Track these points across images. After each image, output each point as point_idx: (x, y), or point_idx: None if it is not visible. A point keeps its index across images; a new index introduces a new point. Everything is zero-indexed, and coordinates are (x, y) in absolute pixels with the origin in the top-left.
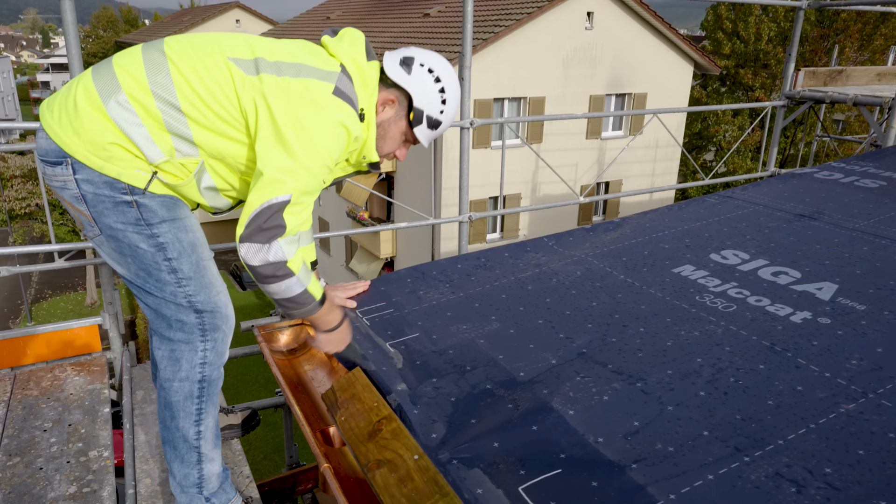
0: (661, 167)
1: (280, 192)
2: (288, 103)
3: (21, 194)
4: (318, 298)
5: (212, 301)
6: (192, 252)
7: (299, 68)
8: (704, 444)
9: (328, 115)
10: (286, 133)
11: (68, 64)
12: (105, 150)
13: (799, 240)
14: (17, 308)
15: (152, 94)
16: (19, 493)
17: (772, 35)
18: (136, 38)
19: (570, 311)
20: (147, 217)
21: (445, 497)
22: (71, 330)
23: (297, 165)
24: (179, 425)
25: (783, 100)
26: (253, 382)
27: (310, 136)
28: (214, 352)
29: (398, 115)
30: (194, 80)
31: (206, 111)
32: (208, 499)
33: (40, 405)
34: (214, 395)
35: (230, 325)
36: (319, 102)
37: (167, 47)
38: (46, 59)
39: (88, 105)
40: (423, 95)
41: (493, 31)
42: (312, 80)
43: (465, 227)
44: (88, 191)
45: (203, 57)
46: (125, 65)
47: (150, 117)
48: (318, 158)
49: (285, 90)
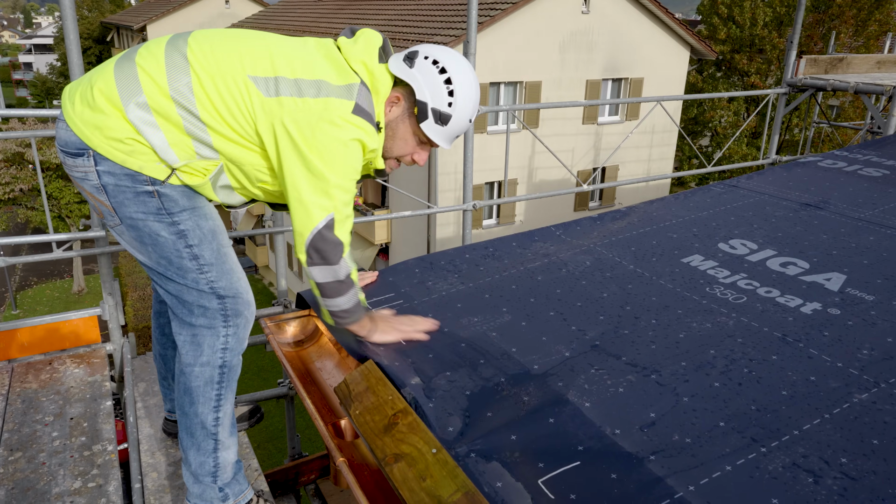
0: (657, 152)
1: (323, 216)
2: (308, 126)
3: (4, 179)
4: (365, 304)
5: (234, 287)
6: (213, 239)
7: (319, 86)
8: (721, 435)
9: (345, 134)
10: (311, 158)
11: (65, 44)
12: (127, 145)
13: (806, 229)
14: (1, 296)
15: (173, 101)
16: (23, 489)
17: (767, 20)
18: (121, 18)
19: (581, 303)
20: (168, 206)
21: (466, 493)
22: (69, 321)
23: (329, 186)
24: (198, 411)
25: (785, 87)
26: (245, 371)
27: (333, 157)
28: (236, 337)
29: (405, 112)
30: (213, 95)
31: (224, 125)
32: (222, 489)
33: (40, 398)
34: (233, 381)
35: (252, 310)
36: (338, 123)
37: (190, 51)
38: (28, 40)
39: (109, 105)
40: (425, 87)
41: (489, 15)
42: (333, 100)
43: (468, 215)
44: (109, 182)
45: (224, 71)
46: (147, 67)
47: (169, 122)
48: (344, 175)
49: (305, 112)
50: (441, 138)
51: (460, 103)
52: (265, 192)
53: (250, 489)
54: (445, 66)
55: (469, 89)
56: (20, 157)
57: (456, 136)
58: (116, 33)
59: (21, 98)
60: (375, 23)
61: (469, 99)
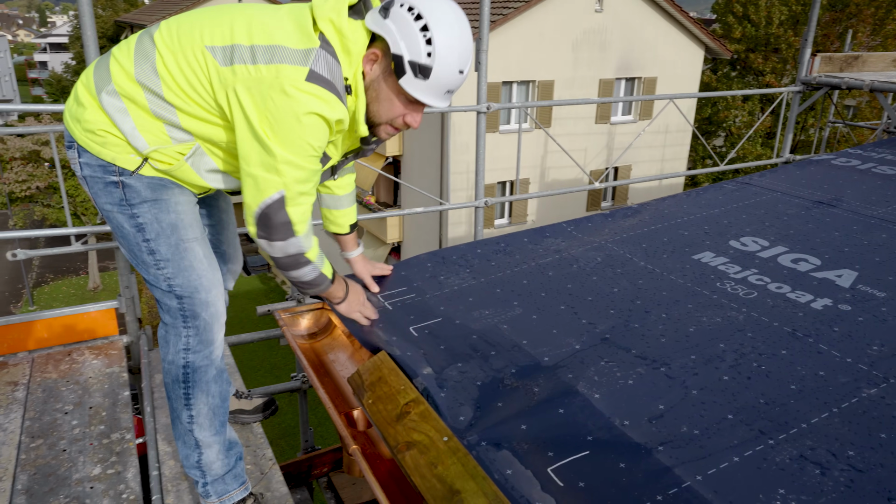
0: (670, 152)
1: (272, 191)
2: (259, 95)
3: (21, 177)
4: (329, 277)
5: (191, 285)
6: (172, 233)
7: (273, 51)
8: (729, 427)
9: (299, 105)
10: (259, 129)
11: (76, 45)
12: (100, 137)
13: (818, 227)
14: (18, 292)
15: (139, 84)
16: (45, 474)
17: (783, 19)
18: (135, 17)
19: (591, 297)
20: (129, 197)
21: (476, 478)
22: (87, 313)
23: (276, 161)
24: (174, 406)
25: (799, 86)
26: (258, 368)
27: (283, 130)
28: (197, 339)
29: (385, 70)
30: (176, 72)
31: (189, 101)
32: (206, 485)
33: (60, 388)
34: (203, 382)
35: (211, 312)
36: (289, 93)
37: (158, 34)
38: (44, 39)
39: (87, 95)
40: (399, 38)
41: (501, 14)
42: (285, 66)
43: (480, 212)
44: (88, 173)
45: (184, 46)
46: (119, 55)
47: (137, 107)
48: (296, 150)
49: (257, 81)
50: (427, 94)
51: (441, 53)
52: None
53: (241, 491)
54: (421, 11)
55: (452, 36)
56: (36, 155)
57: (447, 90)
58: (130, 32)
59: (36, 96)
60: None
61: (452, 48)
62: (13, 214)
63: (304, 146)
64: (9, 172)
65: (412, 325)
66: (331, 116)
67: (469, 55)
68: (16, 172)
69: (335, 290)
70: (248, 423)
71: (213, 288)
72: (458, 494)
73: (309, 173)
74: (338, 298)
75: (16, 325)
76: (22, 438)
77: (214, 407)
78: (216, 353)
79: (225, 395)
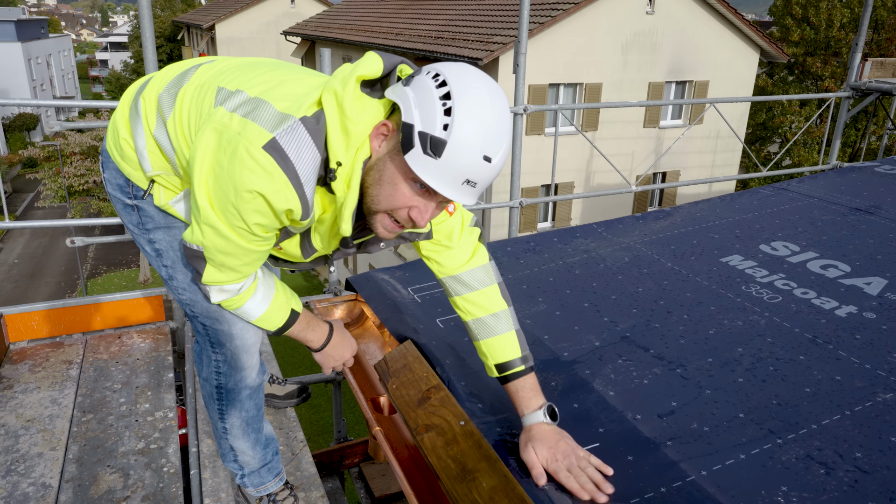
0: (721, 158)
1: (191, 240)
2: (216, 145)
3: (80, 171)
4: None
5: (211, 315)
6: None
7: (257, 105)
8: (739, 425)
9: (242, 176)
10: (196, 180)
11: (141, 42)
12: (122, 149)
13: (852, 233)
14: (73, 283)
15: (157, 104)
16: (93, 446)
17: (844, 21)
18: (192, 18)
19: (615, 296)
20: (144, 222)
21: (489, 460)
22: (137, 300)
23: (201, 220)
24: (210, 415)
25: (848, 91)
26: (299, 364)
27: (219, 194)
28: (227, 364)
29: (395, 147)
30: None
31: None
32: (243, 477)
33: (110, 368)
34: (236, 401)
35: (236, 344)
36: (241, 157)
37: (206, 65)
38: (105, 38)
39: (122, 105)
40: (414, 105)
41: (550, 15)
42: (252, 125)
43: (515, 212)
44: (110, 191)
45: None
46: (170, 69)
47: (147, 125)
48: (227, 219)
49: (222, 128)
50: (437, 178)
51: (461, 128)
52: None
53: (275, 483)
54: (447, 78)
55: (478, 113)
56: (94, 151)
57: (465, 179)
58: (187, 32)
59: (97, 94)
60: (435, 23)
61: (477, 126)
62: (71, 207)
63: (237, 220)
64: (69, 167)
65: (439, 317)
66: (274, 202)
67: (500, 143)
68: (75, 167)
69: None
70: (281, 408)
71: (238, 321)
72: (471, 474)
73: (237, 250)
74: (312, 345)
75: (72, 308)
76: (74, 413)
77: (248, 419)
78: (248, 377)
79: (260, 405)
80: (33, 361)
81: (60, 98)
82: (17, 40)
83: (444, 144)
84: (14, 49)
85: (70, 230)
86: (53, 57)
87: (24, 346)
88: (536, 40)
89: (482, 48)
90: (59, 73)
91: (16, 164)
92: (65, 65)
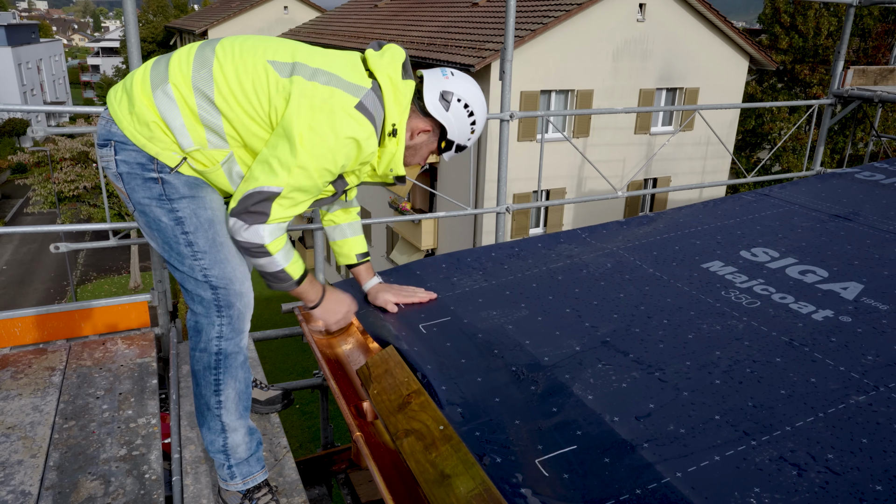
0: (711, 164)
1: (272, 183)
2: (309, 106)
3: (70, 177)
4: (295, 278)
5: (226, 276)
6: (210, 228)
7: (330, 77)
8: (714, 427)
9: (342, 127)
10: (296, 131)
11: (126, 50)
12: (149, 130)
13: (830, 240)
14: (62, 289)
15: (193, 88)
16: (75, 453)
17: (832, 30)
18: (184, 23)
19: (597, 302)
20: (169, 193)
21: (467, 464)
22: (122, 305)
23: (294, 163)
24: (202, 392)
25: (831, 98)
26: (290, 371)
27: (317, 141)
28: (230, 326)
29: (430, 141)
30: (232, 79)
31: (237, 107)
32: (231, 466)
33: (93, 374)
34: (232, 367)
35: (244, 301)
36: (337, 113)
37: (219, 46)
38: (97, 43)
39: (141, 90)
40: (457, 130)
41: (541, 22)
42: (339, 91)
43: (502, 217)
44: (124, 170)
45: (245, 58)
46: (179, 59)
47: (187, 108)
48: (318, 162)
49: (311, 93)
50: (449, 158)
51: (475, 137)
52: None
53: (262, 473)
54: (473, 109)
55: (483, 123)
56: (85, 156)
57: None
58: (179, 37)
59: (88, 99)
60: (428, 29)
61: (480, 131)
62: (61, 213)
63: (327, 161)
64: (59, 172)
65: (422, 322)
66: (365, 146)
67: None
68: (65, 172)
69: (305, 293)
70: (265, 414)
71: (246, 280)
72: (449, 479)
73: (312, 186)
74: (310, 302)
75: (55, 315)
76: (56, 419)
77: (240, 392)
78: (244, 340)
79: (248, 382)
80: (15, 368)
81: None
82: (7, 45)
83: (464, 148)
84: (4, 54)
85: (59, 236)
86: (44, 62)
87: (7, 353)
88: (528, 47)
89: (474, 55)
90: (50, 78)
91: (5, 169)
92: (56, 70)
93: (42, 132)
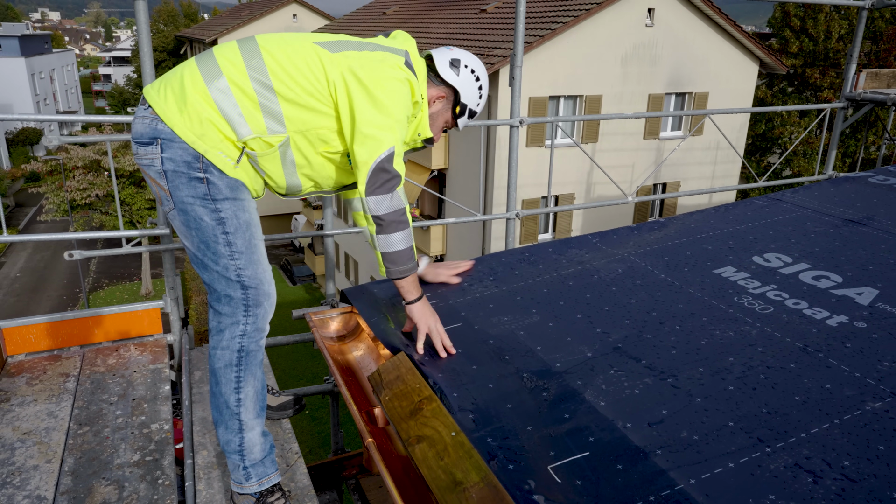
0: (721, 169)
1: (385, 147)
2: (372, 70)
3: (82, 185)
4: (416, 259)
5: (258, 276)
6: (247, 230)
7: (376, 45)
8: (728, 434)
9: (401, 74)
10: (377, 94)
11: (138, 59)
12: (201, 127)
13: (844, 245)
14: (75, 296)
15: (249, 77)
16: (89, 459)
17: (843, 33)
18: (195, 32)
19: (608, 307)
20: (213, 193)
21: (479, 470)
22: (135, 312)
23: (391, 121)
24: (222, 391)
25: (843, 102)
26: (301, 377)
27: (394, 92)
28: (254, 326)
29: (445, 107)
30: (284, 61)
31: (295, 86)
32: (246, 468)
33: (107, 381)
34: (253, 365)
35: (271, 302)
36: (396, 66)
37: (260, 38)
38: (108, 53)
39: (193, 86)
40: (468, 93)
41: (550, 28)
42: (388, 53)
43: (512, 223)
44: (170, 168)
45: (292, 43)
46: (225, 54)
47: (245, 98)
48: (402, 110)
49: (368, 60)
50: (463, 125)
51: (483, 102)
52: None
53: (276, 475)
54: (479, 75)
55: (487, 88)
56: (97, 165)
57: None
58: (189, 46)
59: (99, 108)
60: (438, 36)
61: (486, 97)
62: (73, 221)
63: (405, 107)
64: (71, 181)
65: None
66: (417, 90)
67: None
68: (77, 181)
69: (415, 284)
70: (276, 419)
71: (273, 283)
72: (461, 485)
73: (403, 137)
74: (412, 296)
75: (69, 321)
76: (70, 425)
77: (258, 391)
78: (264, 340)
79: (264, 383)
80: (31, 374)
81: (64, 112)
82: (20, 55)
83: (476, 113)
84: (18, 64)
85: (72, 244)
86: (57, 72)
87: (22, 359)
88: (537, 53)
89: (483, 61)
90: (63, 88)
91: (19, 178)
92: (68, 79)
93: (56, 141)
